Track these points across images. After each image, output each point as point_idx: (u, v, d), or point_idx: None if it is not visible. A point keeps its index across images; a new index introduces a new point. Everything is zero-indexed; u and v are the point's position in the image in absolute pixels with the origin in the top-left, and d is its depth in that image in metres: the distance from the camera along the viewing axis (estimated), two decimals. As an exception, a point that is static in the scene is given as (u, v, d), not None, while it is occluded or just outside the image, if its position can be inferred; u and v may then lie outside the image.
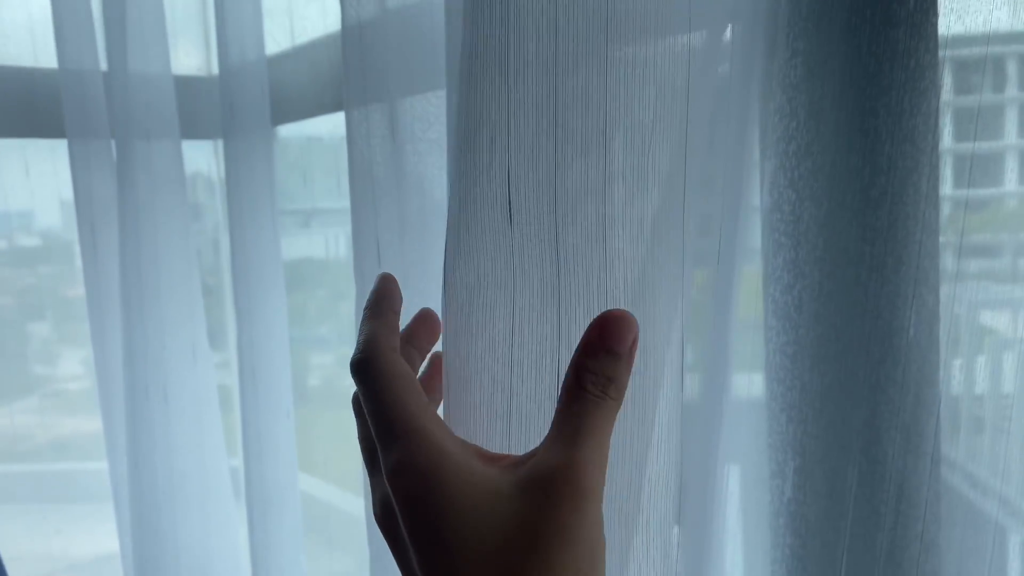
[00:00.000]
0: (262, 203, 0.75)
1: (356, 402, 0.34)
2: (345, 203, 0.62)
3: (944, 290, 0.44)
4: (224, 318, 1.07)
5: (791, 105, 0.44)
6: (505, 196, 0.31)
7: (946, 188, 0.44)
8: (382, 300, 0.37)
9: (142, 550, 0.79)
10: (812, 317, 0.47)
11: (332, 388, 1.13)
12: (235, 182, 0.74)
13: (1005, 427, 0.43)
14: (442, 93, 0.57)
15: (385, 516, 0.31)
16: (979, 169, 0.43)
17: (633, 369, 0.31)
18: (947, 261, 0.44)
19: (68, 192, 0.84)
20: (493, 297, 0.33)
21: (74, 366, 1.52)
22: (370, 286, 0.62)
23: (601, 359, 0.30)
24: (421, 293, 0.58)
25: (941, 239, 0.44)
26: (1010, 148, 0.43)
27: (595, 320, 0.30)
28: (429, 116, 0.58)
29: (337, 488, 0.99)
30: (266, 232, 0.74)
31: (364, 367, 0.32)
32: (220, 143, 0.83)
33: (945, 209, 0.44)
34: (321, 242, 1.17)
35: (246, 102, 0.76)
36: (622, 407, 0.30)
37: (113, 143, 0.80)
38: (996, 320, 0.43)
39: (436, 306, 0.63)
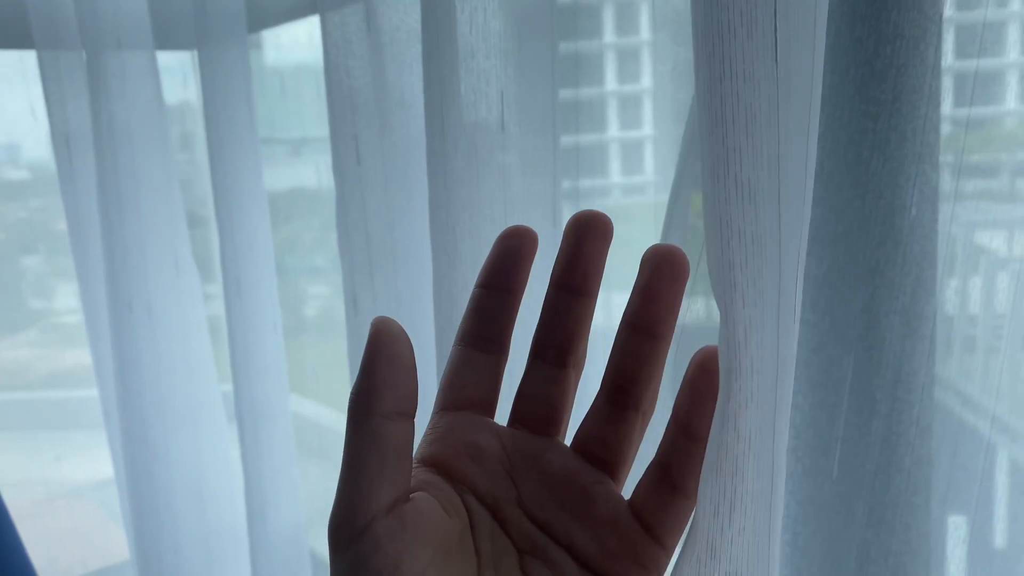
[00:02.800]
0: (240, 114, 0.72)
1: None
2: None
3: (941, 210, 0.43)
4: (214, 249, 1.05)
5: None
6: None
7: (946, 107, 0.42)
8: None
9: (135, 468, 0.79)
10: (813, 199, 0.45)
11: (328, 318, 1.12)
12: (211, 93, 0.71)
13: (997, 346, 0.42)
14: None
15: None
16: (979, 87, 0.41)
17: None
18: (945, 181, 0.43)
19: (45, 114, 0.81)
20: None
21: (70, 299, 1.52)
22: (350, 188, 0.60)
23: None
24: (406, 192, 0.56)
25: (940, 159, 0.42)
26: (1011, 66, 0.42)
27: None
28: (407, 3, 0.55)
29: (335, 411, 0.99)
30: (246, 143, 0.72)
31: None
32: (198, 58, 0.79)
33: (944, 128, 0.42)
34: (312, 171, 1.15)
35: (220, 7, 0.73)
36: None
37: (84, 54, 0.76)
38: (992, 240, 0.42)
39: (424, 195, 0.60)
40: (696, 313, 0.48)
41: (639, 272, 0.27)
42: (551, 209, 0.48)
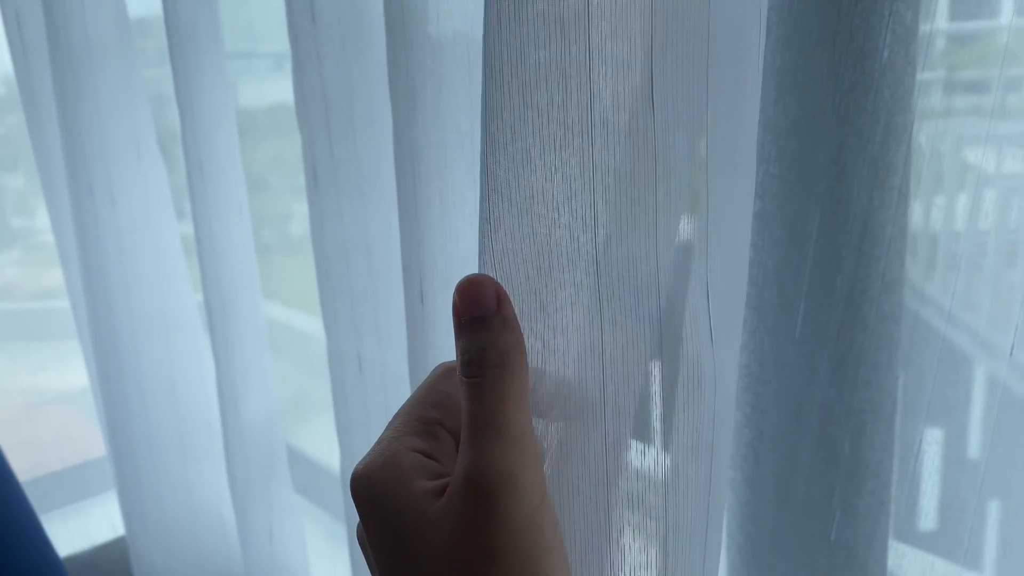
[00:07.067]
0: (203, 22, 0.68)
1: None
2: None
3: (931, 126, 0.41)
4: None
5: None
6: None
7: (941, 22, 0.41)
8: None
9: (104, 359, 0.78)
10: (780, 42, 0.43)
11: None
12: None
13: (980, 263, 0.41)
14: None
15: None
16: (975, 1, 0.40)
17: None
18: (936, 98, 0.41)
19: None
20: None
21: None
22: (306, 49, 0.57)
23: (466, 333, 0.26)
24: (364, 52, 0.53)
25: (930, 75, 0.41)
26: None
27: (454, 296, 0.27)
28: None
29: (307, 315, 0.98)
30: (209, 47, 0.68)
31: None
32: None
33: (938, 43, 0.41)
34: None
35: None
36: None
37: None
38: (980, 157, 0.41)
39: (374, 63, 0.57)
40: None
41: None
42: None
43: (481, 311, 0.26)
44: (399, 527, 0.26)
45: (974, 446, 0.44)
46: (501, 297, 0.26)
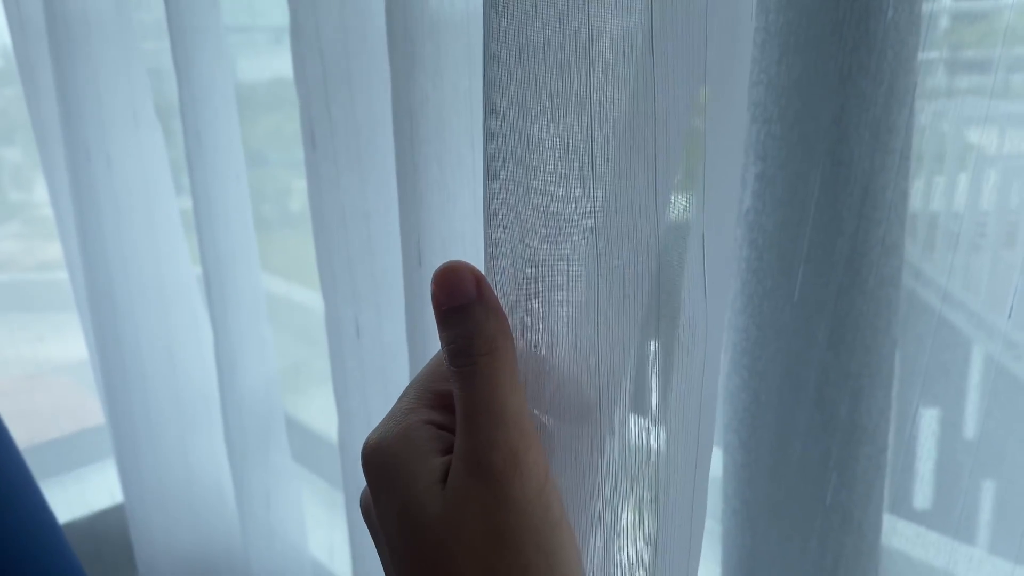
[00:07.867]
0: None
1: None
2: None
3: (933, 106, 0.41)
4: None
5: None
6: None
7: (944, 0, 0.41)
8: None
9: (101, 325, 0.78)
10: (784, 1, 0.42)
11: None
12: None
13: (979, 243, 0.41)
14: None
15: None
16: None
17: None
18: (939, 77, 0.41)
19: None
20: None
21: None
22: (304, 10, 0.56)
23: (449, 324, 0.26)
24: (361, 12, 0.53)
25: (933, 54, 0.41)
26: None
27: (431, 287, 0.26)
28: None
29: (309, 290, 0.98)
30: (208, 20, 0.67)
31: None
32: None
33: (942, 22, 0.41)
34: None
35: None
36: None
37: None
38: (982, 137, 0.41)
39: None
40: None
41: None
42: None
43: (461, 299, 0.26)
44: (407, 503, 0.26)
45: (969, 419, 0.44)
46: (480, 282, 0.26)
